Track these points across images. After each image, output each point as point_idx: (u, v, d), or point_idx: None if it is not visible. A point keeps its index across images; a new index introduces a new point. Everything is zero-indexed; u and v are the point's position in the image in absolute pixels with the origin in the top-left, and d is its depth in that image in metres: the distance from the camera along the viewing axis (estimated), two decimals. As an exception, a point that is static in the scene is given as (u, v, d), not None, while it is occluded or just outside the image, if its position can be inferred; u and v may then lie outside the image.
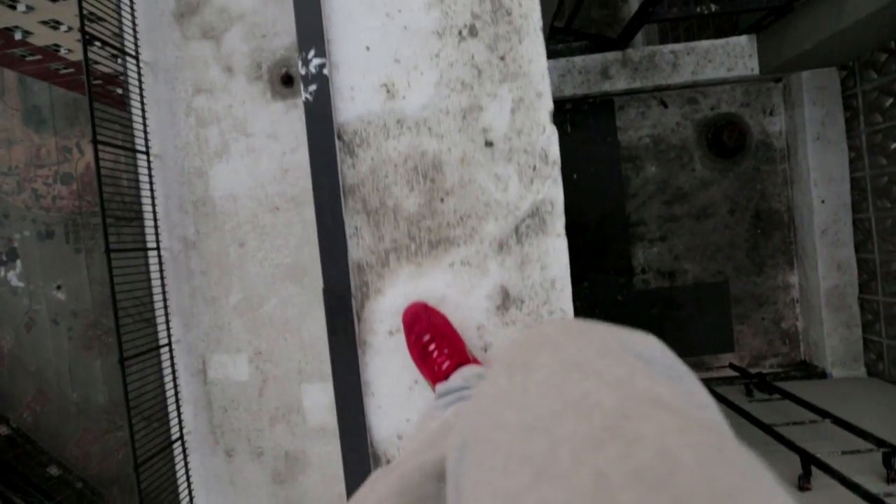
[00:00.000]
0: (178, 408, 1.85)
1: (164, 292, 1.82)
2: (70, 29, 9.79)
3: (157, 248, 1.83)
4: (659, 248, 2.52)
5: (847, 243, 2.27)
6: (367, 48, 1.45)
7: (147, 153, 1.83)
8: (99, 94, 1.79)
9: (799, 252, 2.45)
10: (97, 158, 1.60)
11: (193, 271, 1.92)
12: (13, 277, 17.29)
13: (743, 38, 2.42)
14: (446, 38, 1.40)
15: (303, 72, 1.43)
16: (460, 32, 1.38)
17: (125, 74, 1.82)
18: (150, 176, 1.82)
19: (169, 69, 1.92)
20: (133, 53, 1.83)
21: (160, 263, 1.82)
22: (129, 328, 1.74)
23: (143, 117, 1.84)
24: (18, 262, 17.35)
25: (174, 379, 1.86)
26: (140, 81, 1.83)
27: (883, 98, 2.04)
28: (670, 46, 2.43)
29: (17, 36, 9.58)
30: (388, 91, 1.45)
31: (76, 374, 16.61)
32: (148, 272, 1.83)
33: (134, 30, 1.85)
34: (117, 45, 1.77)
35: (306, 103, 1.42)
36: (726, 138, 2.28)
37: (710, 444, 0.23)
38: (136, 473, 1.61)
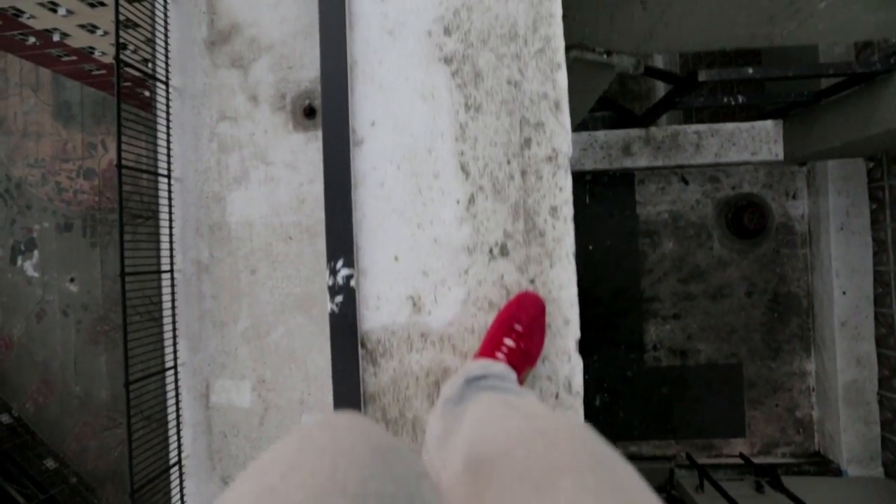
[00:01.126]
0: (178, 432, 1.84)
1: (173, 315, 1.83)
2: (106, 33, 10.17)
3: (171, 272, 1.84)
4: (672, 325, 2.49)
5: (868, 337, 2.22)
6: (396, 258, 1.40)
7: (168, 176, 1.86)
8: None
9: (817, 340, 2.41)
10: (120, 183, 1.63)
11: (204, 294, 1.93)
12: (29, 267, 17.64)
13: (768, 123, 2.40)
14: (476, 254, 1.34)
15: (330, 282, 1.38)
16: (491, 250, 1.33)
17: (154, 99, 1.86)
18: (170, 199, 1.85)
19: (196, 95, 1.96)
20: (164, 79, 1.87)
21: (172, 287, 1.83)
22: (136, 350, 1.74)
23: (168, 141, 1.87)
24: (36, 253, 17.71)
25: (177, 402, 1.85)
26: (168, 106, 1.87)
27: (911, 194, 2.00)
28: (694, 127, 2.44)
29: (56, 37, 9.96)
30: (414, 304, 1.38)
31: (81, 367, 16.76)
32: (160, 293, 1.84)
33: (166, 56, 1.90)
34: (149, 72, 1.82)
35: (332, 315, 1.38)
36: (747, 220, 2.25)
37: None
38: (132, 499, 1.59)
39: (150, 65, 1.93)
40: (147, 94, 2.01)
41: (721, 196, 2.41)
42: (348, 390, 1.14)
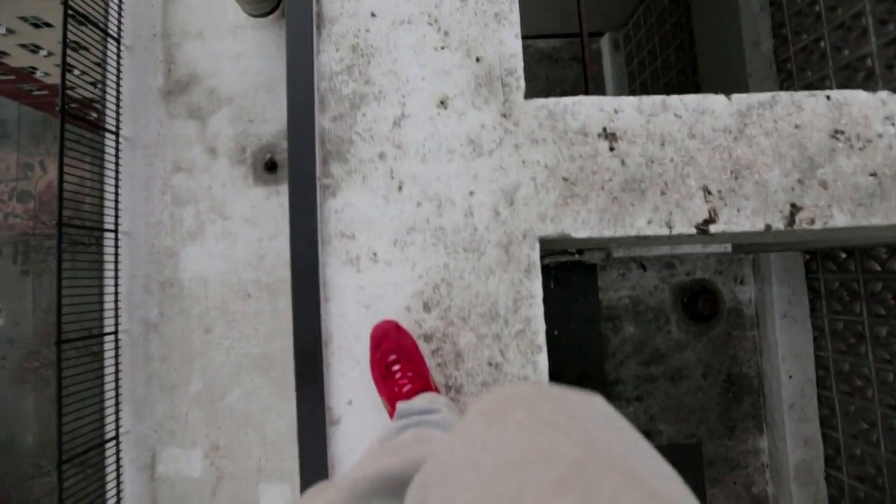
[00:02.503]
0: (117, 511, 1.68)
1: (116, 382, 1.70)
2: (50, 54, 9.64)
3: (115, 334, 1.72)
4: (635, 407, 2.54)
5: (813, 419, 2.33)
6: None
7: (116, 231, 1.75)
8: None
9: (768, 419, 2.51)
10: (59, 243, 1.51)
11: (152, 356, 1.80)
12: (-53, 298, 16.00)
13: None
14: None
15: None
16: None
17: (102, 151, 1.77)
18: (116, 256, 1.74)
19: (149, 145, 1.88)
20: (113, 129, 1.79)
21: (116, 350, 1.71)
22: (73, 424, 1.60)
23: (116, 193, 1.77)
24: (-45, 282, 16.11)
25: (118, 478, 1.70)
26: (117, 157, 1.78)
27: (842, 291, 2.21)
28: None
29: (-9, 57, 9.33)
30: None
31: (4, 409, 15.13)
32: (102, 359, 1.71)
33: (117, 105, 1.82)
34: (99, 124, 1.73)
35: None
36: (701, 305, 2.42)
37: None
38: None
39: (98, 109, 1.83)
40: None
41: (677, 282, 2.55)
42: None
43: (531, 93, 1.08)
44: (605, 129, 1.03)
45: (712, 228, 1.00)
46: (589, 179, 1.01)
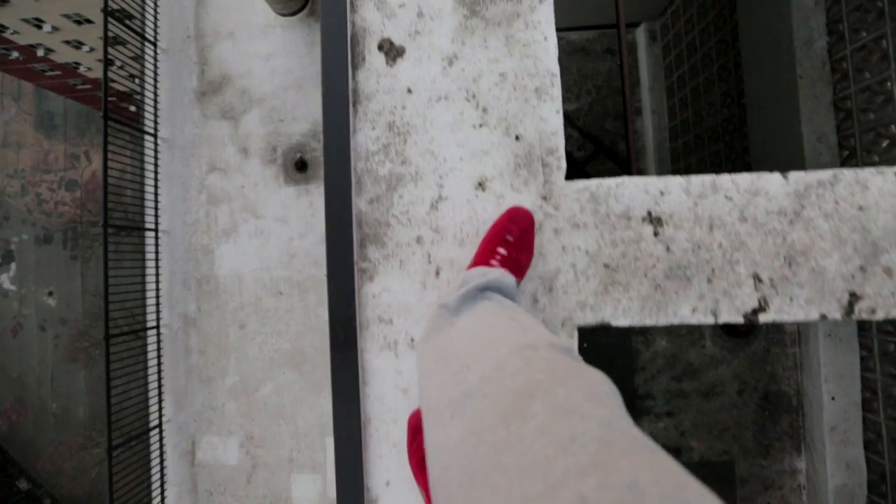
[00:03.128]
0: (161, 494, 1.79)
1: (159, 374, 1.79)
2: (92, 49, 10.06)
3: (157, 328, 1.81)
4: (665, 423, 2.49)
5: (857, 442, 2.21)
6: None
7: (156, 230, 1.83)
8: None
9: (807, 440, 2.41)
10: (106, 246, 1.59)
11: (191, 349, 1.89)
12: (6, 280, 17.14)
13: None
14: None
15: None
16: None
17: (141, 152, 1.84)
18: (157, 254, 1.82)
19: (185, 146, 1.94)
20: (152, 132, 1.85)
21: (158, 344, 1.80)
22: (121, 413, 1.70)
23: (156, 195, 1.85)
24: (13, 265, 17.23)
25: (161, 463, 1.80)
26: (156, 159, 1.85)
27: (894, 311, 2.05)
28: None
29: (40, 52, 9.81)
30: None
31: (58, 384, 16.26)
32: (145, 352, 1.80)
33: (155, 108, 1.88)
34: (137, 127, 1.80)
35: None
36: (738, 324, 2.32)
37: (673, 483, 0.29)
38: (112, 572, 1.54)
39: (136, 102, 1.90)
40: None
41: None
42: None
43: (561, 85, 1.04)
44: (649, 213, 0.98)
45: (762, 318, 0.94)
46: (631, 266, 0.96)
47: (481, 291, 0.75)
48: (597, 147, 2.91)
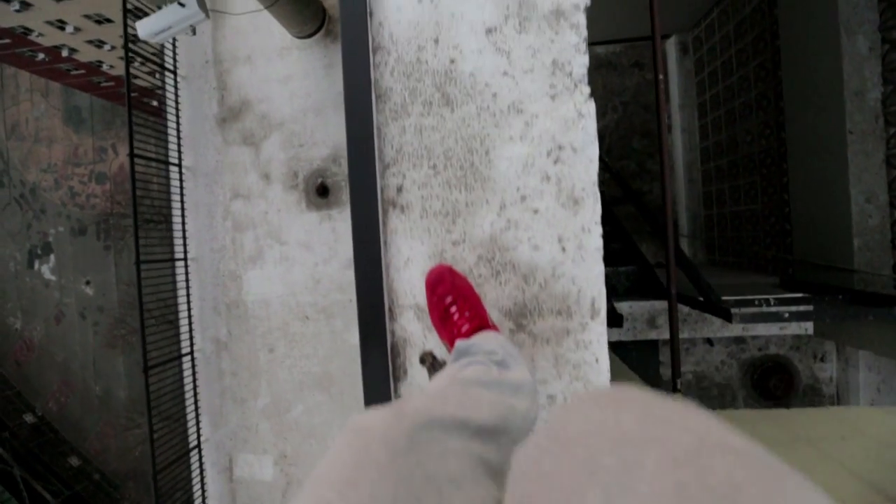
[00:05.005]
0: (203, 510, 1.88)
1: (195, 397, 1.87)
2: (113, 48, 10.23)
3: (192, 354, 1.87)
4: None
5: None
6: None
7: (185, 260, 1.88)
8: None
9: None
10: (139, 278, 1.65)
11: (224, 371, 1.96)
12: (46, 271, 18.00)
13: (799, 296, 2.34)
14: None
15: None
16: None
17: (168, 183, 1.87)
18: (188, 283, 1.87)
19: (209, 173, 1.97)
20: (176, 162, 1.88)
21: (193, 369, 1.87)
22: (160, 433, 1.78)
23: (183, 224, 1.89)
24: (52, 257, 18.05)
25: (202, 480, 1.90)
26: (182, 190, 1.88)
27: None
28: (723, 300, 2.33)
29: (64, 53, 10.04)
30: None
31: (100, 367, 17.17)
32: (181, 374, 1.87)
33: (178, 139, 1.90)
34: (163, 159, 1.83)
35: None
36: (773, 386, 2.23)
37: (770, 479, 0.29)
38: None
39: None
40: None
41: (747, 357, 2.37)
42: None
43: None
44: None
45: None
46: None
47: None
48: (625, 193, 2.84)
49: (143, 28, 1.02)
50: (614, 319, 1.93)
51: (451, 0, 0.78)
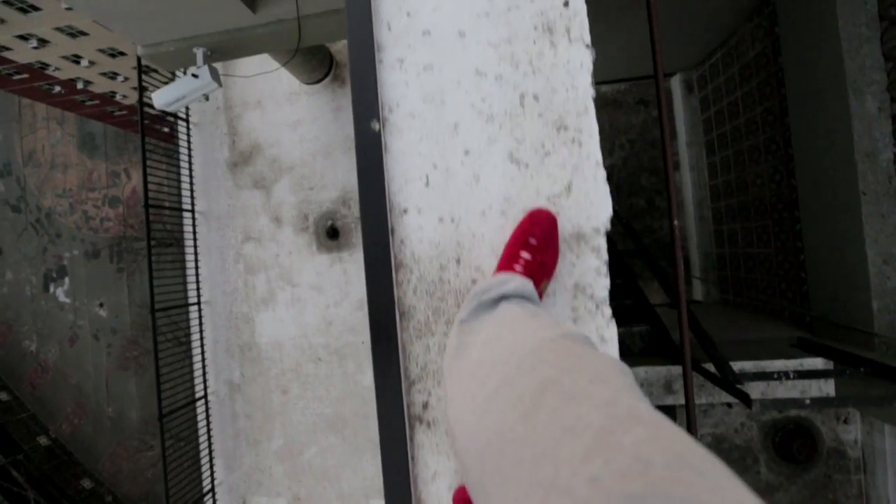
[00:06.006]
0: (218, 556, 1.87)
1: (209, 442, 1.87)
2: (126, 79, 10.56)
3: (206, 398, 1.88)
4: None
5: None
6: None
7: (199, 304, 1.90)
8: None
9: None
10: (154, 328, 1.67)
11: (238, 414, 1.97)
12: (61, 294, 18.28)
13: (818, 361, 2.35)
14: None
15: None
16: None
17: (181, 230, 1.91)
18: (201, 328, 1.89)
19: (221, 216, 2.00)
20: (189, 209, 1.92)
21: (207, 413, 1.87)
22: (174, 476, 1.79)
23: (196, 268, 1.92)
24: (67, 280, 18.35)
25: (215, 526, 1.89)
26: (195, 236, 1.92)
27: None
28: (739, 365, 2.34)
29: (80, 85, 10.37)
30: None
31: (112, 389, 17.28)
32: (195, 419, 1.88)
33: (191, 185, 1.94)
34: (176, 206, 1.87)
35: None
36: (796, 451, 2.19)
37: (676, 451, 0.32)
38: None
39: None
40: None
41: (767, 419, 2.33)
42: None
43: None
44: None
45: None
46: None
47: (502, 299, 0.74)
48: (637, 247, 2.84)
49: (159, 98, 1.06)
50: None
51: (472, 221, 0.79)
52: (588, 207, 0.76)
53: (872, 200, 2.18)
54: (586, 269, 0.79)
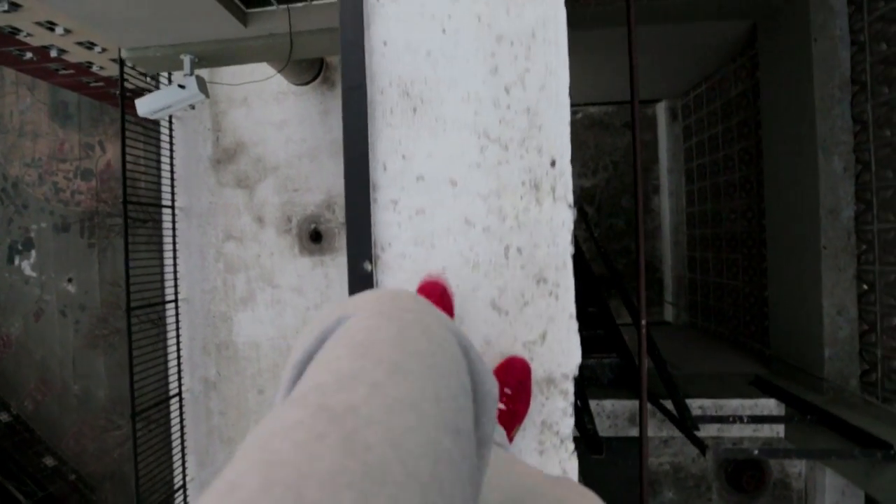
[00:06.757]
0: (186, 551, 1.89)
1: (182, 441, 1.87)
2: (104, 50, 10.10)
3: (180, 395, 1.88)
4: None
5: None
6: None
7: (176, 301, 1.89)
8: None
9: None
10: (129, 323, 1.66)
11: (212, 411, 1.97)
12: (27, 267, 17.58)
13: (772, 403, 2.51)
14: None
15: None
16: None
17: (160, 223, 1.88)
18: (178, 325, 1.88)
19: (202, 214, 1.98)
20: (169, 204, 1.89)
21: (181, 412, 1.87)
22: (148, 475, 1.79)
23: (175, 268, 1.90)
24: (33, 253, 17.64)
25: (185, 522, 1.91)
26: (174, 232, 1.90)
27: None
28: (699, 402, 2.49)
29: (53, 53, 9.89)
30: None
31: (79, 366, 16.81)
32: (168, 415, 1.88)
33: (172, 181, 1.91)
34: (156, 202, 1.84)
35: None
36: (745, 482, 2.36)
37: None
38: None
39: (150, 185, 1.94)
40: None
41: (722, 450, 2.48)
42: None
43: (577, 160, 1.05)
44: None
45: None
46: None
47: None
48: (612, 276, 2.93)
49: (143, 106, 1.05)
50: (594, 446, 2.02)
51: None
52: (560, 355, 0.83)
53: (832, 255, 2.31)
54: (554, 408, 0.86)
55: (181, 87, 1.06)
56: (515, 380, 0.93)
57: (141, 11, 1.18)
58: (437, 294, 0.93)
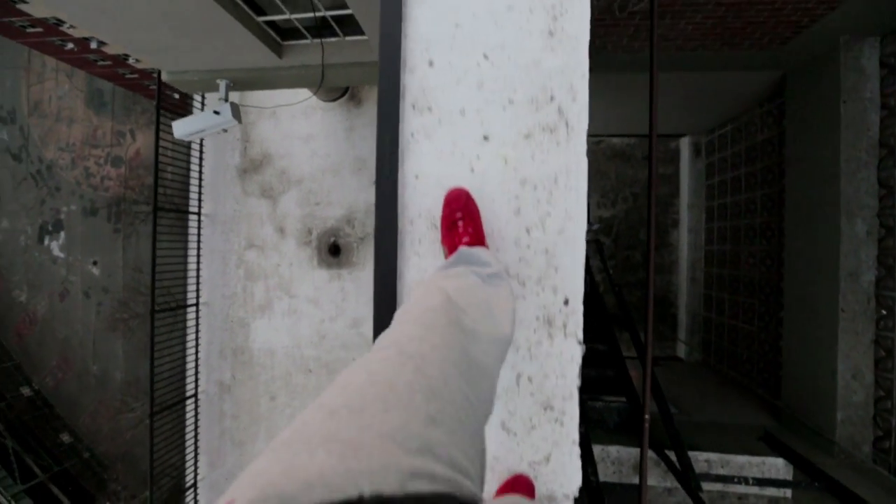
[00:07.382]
0: (193, 549, 1.94)
1: (196, 440, 1.93)
2: (139, 42, 10.49)
3: (196, 396, 1.94)
4: None
5: None
6: None
7: (197, 305, 1.95)
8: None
9: None
10: (153, 322, 1.72)
11: (225, 413, 2.03)
12: (55, 247, 18.20)
13: (780, 462, 2.47)
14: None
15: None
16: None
17: (186, 231, 1.94)
18: (198, 329, 1.94)
19: (226, 221, 2.04)
20: (196, 211, 1.95)
21: (196, 412, 1.93)
22: (162, 471, 1.85)
23: (198, 270, 1.96)
24: (62, 234, 18.25)
25: (194, 520, 1.96)
26: (199, 237, 1.96)
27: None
28: (705, 455, 2.44)
29: (93, 45, 10.26)
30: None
31: (99, 348, 17.30)
32: (184, 415, 1.94)
33: (200, 189, 1.97)
34: (182, 209, 1.90)
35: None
36: None
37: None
38: None
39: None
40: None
41: None
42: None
43: (596, 189, 1.06)
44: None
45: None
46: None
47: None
48: (623, 315, 2.90)
49: (179, 129, 1.10)
50: (596, 499, 2.00)
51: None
52: (562, 476, 0.87)
53: (850, 318, 2.24)
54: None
55: (216, 112, 1.11)
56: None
57: (184, 42, 1.23)
58: (463, 199, 1.00)
